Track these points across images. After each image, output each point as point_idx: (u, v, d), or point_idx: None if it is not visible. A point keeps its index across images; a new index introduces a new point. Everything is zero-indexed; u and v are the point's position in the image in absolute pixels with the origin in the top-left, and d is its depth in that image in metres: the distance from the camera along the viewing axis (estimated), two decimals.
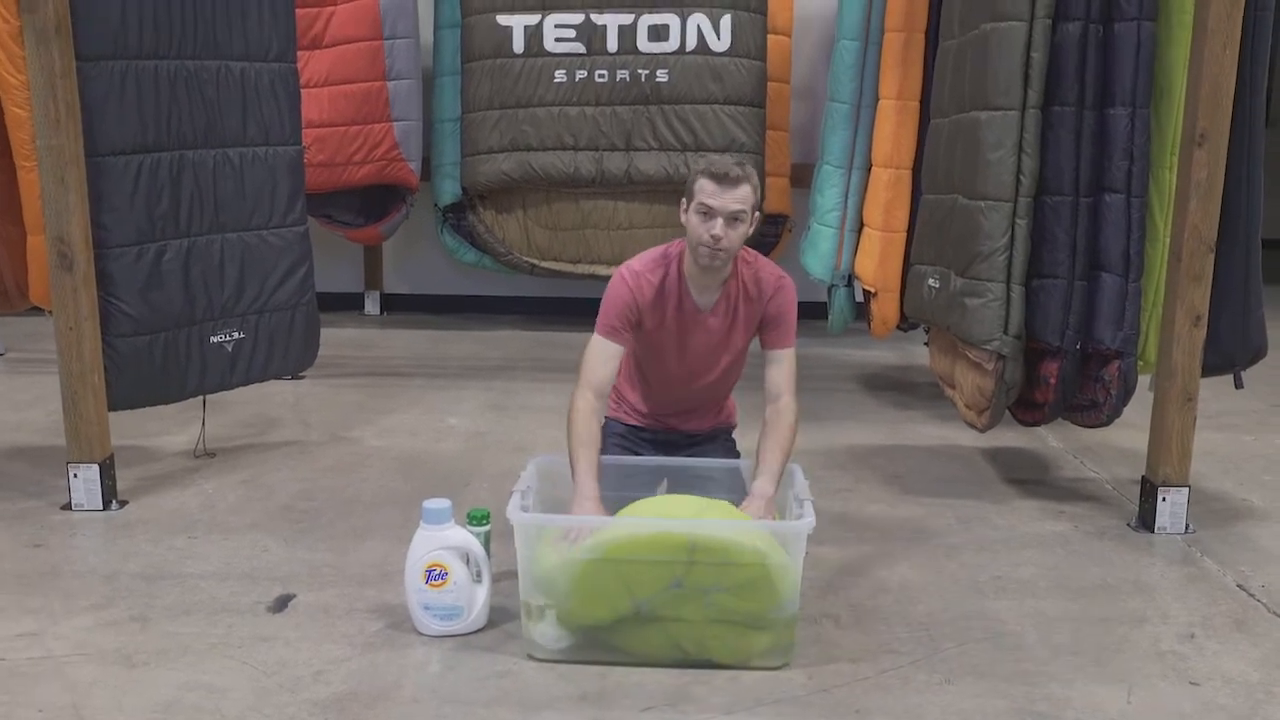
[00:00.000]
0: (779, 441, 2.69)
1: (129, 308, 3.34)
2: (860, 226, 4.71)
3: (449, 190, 5.88)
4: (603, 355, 2.74)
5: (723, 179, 2.60)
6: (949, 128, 3.68)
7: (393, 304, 6.74)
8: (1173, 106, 3.19)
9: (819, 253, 4.81)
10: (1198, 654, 2.54)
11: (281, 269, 3.77)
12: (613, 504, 2.60)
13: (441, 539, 2.53)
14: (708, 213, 2.61)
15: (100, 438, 3.29)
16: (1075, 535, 3.26)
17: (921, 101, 4.40)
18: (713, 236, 2.61)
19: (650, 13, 5.52)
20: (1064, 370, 3.33)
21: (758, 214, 2.70)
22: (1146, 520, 3.29)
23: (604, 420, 3.04)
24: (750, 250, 2.81)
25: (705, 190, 2.61)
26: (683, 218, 2.70)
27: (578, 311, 5.20)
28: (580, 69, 5.56)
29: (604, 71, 5.56)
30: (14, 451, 3.89)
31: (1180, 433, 3.21)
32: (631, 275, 2.77)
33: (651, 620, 2.39)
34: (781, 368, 2.78)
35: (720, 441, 3.05)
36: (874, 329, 4.69)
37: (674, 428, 3.00)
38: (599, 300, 2.79)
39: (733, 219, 2.61)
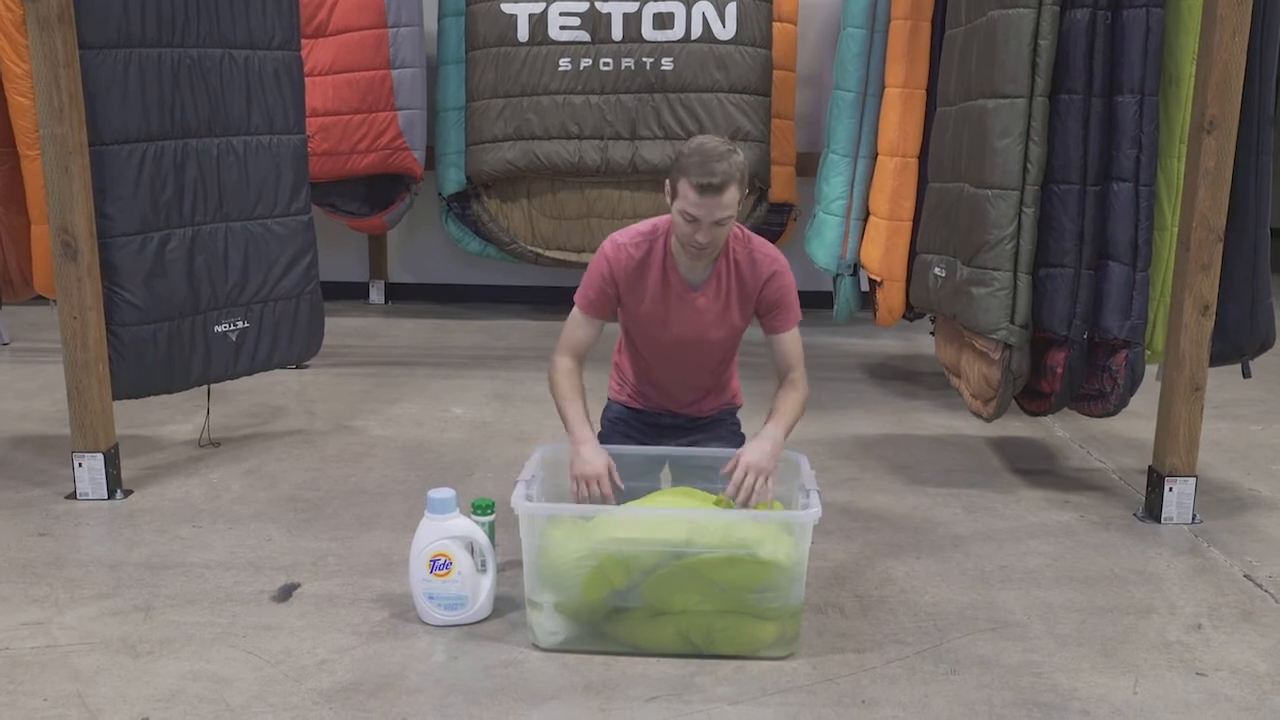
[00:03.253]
0: (792, 398, 2.70)
1: (133, 297, 3.34)
2: (866, 215, 4.69)
3: (453, 179, 5.86)
4: (579, 326, 2.80)
5: (706, 189, 2.50)
6: (955, 116, 3.66)
7: (397, 293, 6.73)
8: (1181, 94, 3.18)
9: (824, 241, 4.79)
10: (1204, 645, 2.53)
11: (285, 258, 3.76)
12: (615, 494, 2.60)
13: (446, 528, 2.53)
14: (692, 220, 2.56)
15: (105, 427, 3.29)
16: (1081, 525, 3.25)
17: (928, 90, 4.38)
18: (697, 242, 2.58)
19: (655, 0, 5.49)
20: (1071, 360, 3.32)
21: (746, 192, 2.65)
22: (1153, 510, 3.28)
23: (606, 401, 3.03)
24: (742, 228, 2.77)
25: (689, 199, 2.53)
26: (667, 199, 2.63)
27: None
28: (585, 57, 5.54)
29: (609, 60, 5.54)
30: (19, 441, 3.89)
31: (1187, 422, 3.19)
32: (613, 247, 2.74)
33: (659, 614, 2.39)
34: (787, 346, 2.76)
35: (725, 425, 2.99)
36: (879, 318, 4.68)
37: (674, 411, 2.95)
38: None
39: (717, 223, 2.56)
